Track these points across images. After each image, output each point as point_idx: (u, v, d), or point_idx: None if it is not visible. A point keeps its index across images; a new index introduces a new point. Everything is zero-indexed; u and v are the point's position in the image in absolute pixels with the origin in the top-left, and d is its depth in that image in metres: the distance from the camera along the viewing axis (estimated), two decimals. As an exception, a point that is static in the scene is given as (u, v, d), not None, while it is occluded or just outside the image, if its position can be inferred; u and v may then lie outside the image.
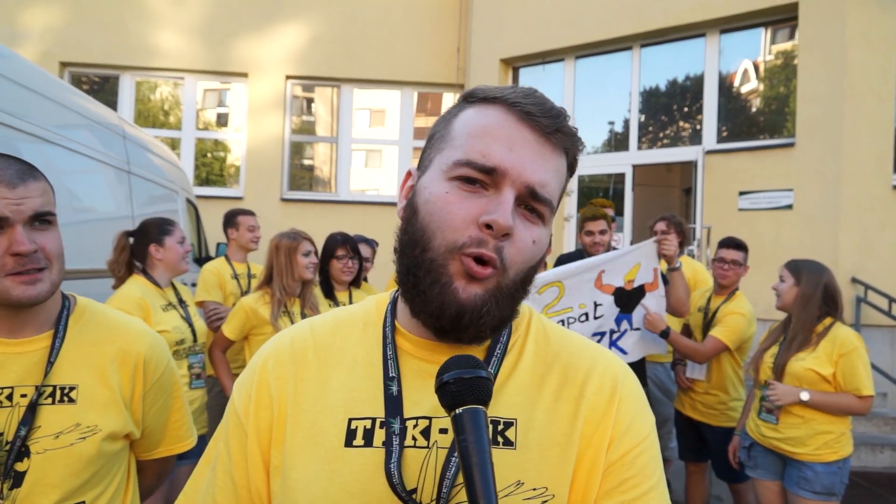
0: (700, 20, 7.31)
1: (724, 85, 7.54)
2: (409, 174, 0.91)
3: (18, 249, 1.27)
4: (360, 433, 0.83)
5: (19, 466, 1.31)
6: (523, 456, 0.82)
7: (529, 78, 8.88)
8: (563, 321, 3.84)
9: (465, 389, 0.71)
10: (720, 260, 3.90)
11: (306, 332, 0.94)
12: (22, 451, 1.31)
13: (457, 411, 0.71)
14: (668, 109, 8.14)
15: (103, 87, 9.55)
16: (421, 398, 0.84)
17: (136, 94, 9.53)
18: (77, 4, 9.02)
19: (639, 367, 3.88)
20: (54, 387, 1.37)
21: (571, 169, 0.89)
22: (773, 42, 7.31)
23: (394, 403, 0.84)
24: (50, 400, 1.35)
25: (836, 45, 6.43)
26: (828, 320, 3.14)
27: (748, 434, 3.34)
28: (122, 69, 9.30)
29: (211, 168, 10.11)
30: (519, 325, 0.93)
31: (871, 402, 3.04)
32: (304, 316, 3.41)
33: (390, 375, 0.86)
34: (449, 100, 9.97)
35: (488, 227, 0.77)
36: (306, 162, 10.52)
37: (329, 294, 3.85)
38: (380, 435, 0.83)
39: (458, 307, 0.79)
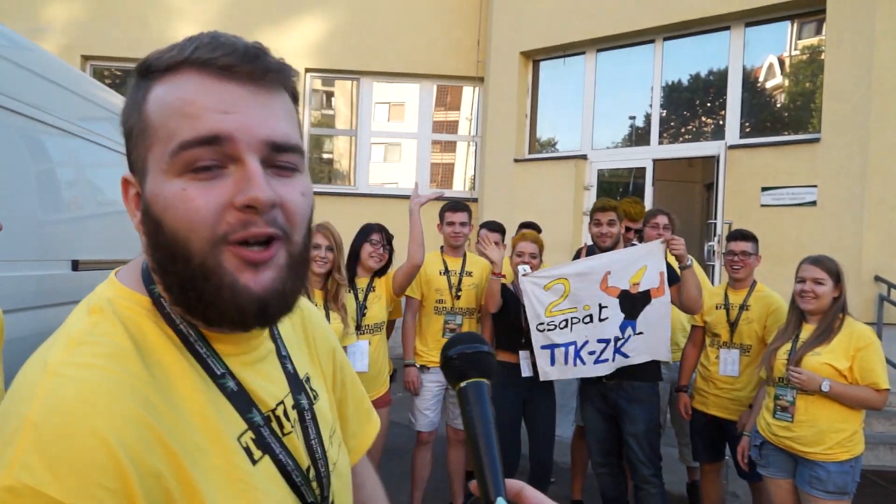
0: (724, 13, 7.21)
1: (749, 79, 7.44)
2: (125, 182, 0.77)
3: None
4: (252, 447, 0.75)
5: None
6: (323, 402, 0.93)
7: (550, 71, 8.83)
8: (566, 320, 3.84)
9: (467, 364, 0.75)
10: (730, 253, 3.88)
11: (117, 376, 0.65)
12: None
13: (461, 385, 0.74)
14: (691, 104, 8.05)
15: (125, 81, 9.66)
16: (265, 387, 0.80)
17: (157, 87, 9.63)
18: (100, -2, 9.11)
19: (654, 368, 3.86)
20: None
21: (294, 94, 0.80)
22: (799, 37, 7.19)
23: (240, 399, 0.76)
24: None
25: (865, 39, 6.31)
26: (840, 315, 3.15)
27: (759, 433, 3.32)
28: (145, 62, 9.39)
29: (232, 161, 10.20)
30: None
31: (887, 395, 3.06)
32: (326, 310, 3.44)
33: (219, 373, 0.75)
34: (469, 94, 9.95)
35: (250, 207, 0.68)
36: (325, 155, 10.56)
37: (350, 279, 3.85)
38: (261, 438, 0.77)
39: (259, 302, 0.71)
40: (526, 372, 4.01)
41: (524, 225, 5.27)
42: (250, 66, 0.71)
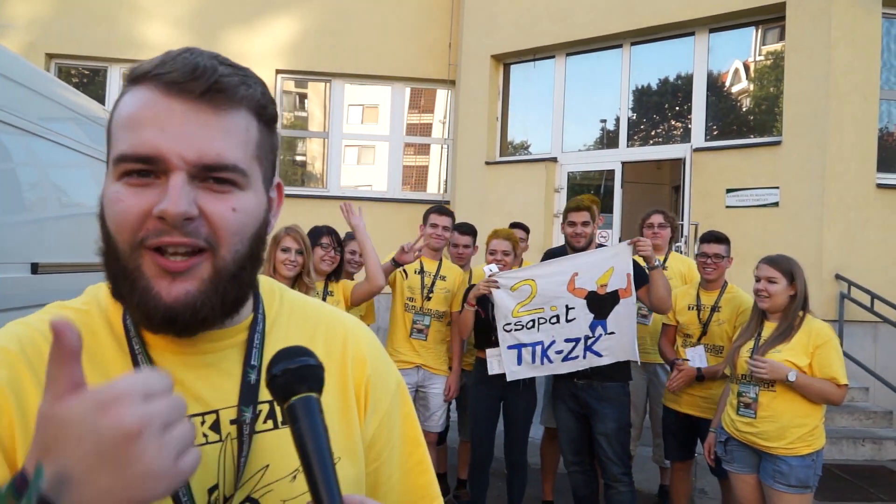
0: (689, 18, 7.34)
1: (714, 84, 7.58)
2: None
3: None
4: None
5: None
6: None
7: (520, 74, 8.89)
8: (533, 321, 3.88)
9: (294, 380, 0.69)
10: (703, 255, 3.94)
11: (33, 334, 0.77)
12: None
13: (289, 402, 0.68)
14: (659, 107, 8.17)
15: (92, 80, 9.50)
16: (200, 392, 0.79)
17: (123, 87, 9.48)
18: (65, -4, 8.95)
19: (624, 368, 3.92)
20: None
21: (262, 113, 0.80)
22: (763, 42, 7.35)
23: None
24: None
25: (822, 44, 6.48)
26: (800, 313, 3.24)
27: (724, 429, 3.38)
28: (111, 62, 9.24)
29: (201, 163, 10.08)
30: (271, 305, 0.91)
31: (846, 391, 3.15)
32: None
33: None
34: (442, 96, 9.97)
35: (161, 217, 0.71)
36: (298, 157, 10.50)
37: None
38: None
39: (165, 311, 0.72)
40: (494, 369, 4.04)
41: (513, 225, 5.30)
42: (195, 83, 0.73)
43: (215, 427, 0.79)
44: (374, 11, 9.28)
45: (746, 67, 7.44)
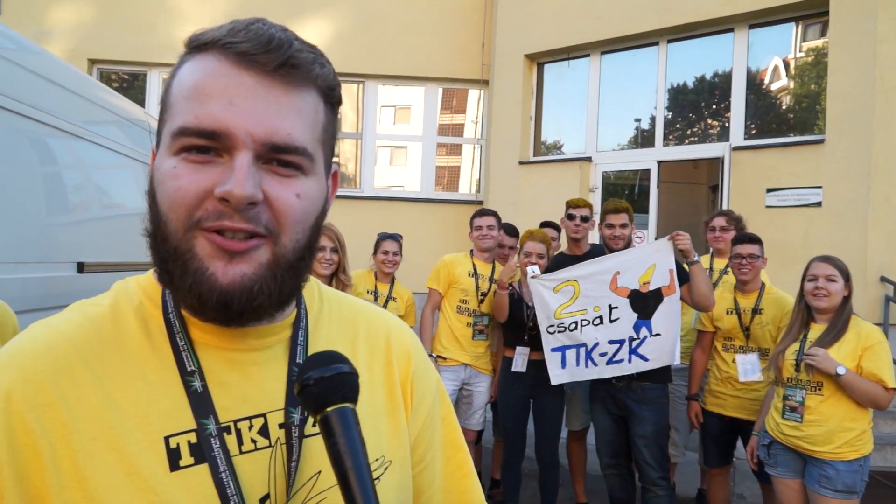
0: (728, 14, 7.20)
1: (753, 81, 7.43)
2: (153, 153, 0.76)
3: None
4: (185, 450, 0.69)
5: None
6: (366, 432, 0.81)
7: (554, 74, 8.83)
8: (576, 322, 3.84)
9: (328, 389, 0.64)
10: (737, 256, 3.87)
11: (59, 340, 0.70)
12: None
13: (323, 413, 0.64)
14: (696, 106, 8.04)
15: (132, 85, 9.70)
16: (247, 394, 0.75)
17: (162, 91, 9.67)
18: (104, 2, 9.16)
19: (665, 369, 3.85)
20: None
21: (331, 95, 0.75)
22: (803, 39, 7.18)
23: (201, 402, 0.71)
24: None
25: (868, 39, 6.30)
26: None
27: (767, 432, 3.32)
28: (150, 66, 9.43)
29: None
30: (311, 301, 0.86)
31: (893, 395, 3.06)
32: None
33: (189, 370, 0.72)
34: (474, 97, 9.96)
35: (225, 200, 0.66)
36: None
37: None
38: (205, 447, 0.70)
39: (220, 294, 0.67)
40: (518, 367, 4.04)
41: (543, 224, 5.31)
42: (268, 56, 0.68)
43: (263, 432, 0.74)
44: (407, 12, 9.31)
45: (786, 64, 7.27)
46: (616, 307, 3.77)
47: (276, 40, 0.69)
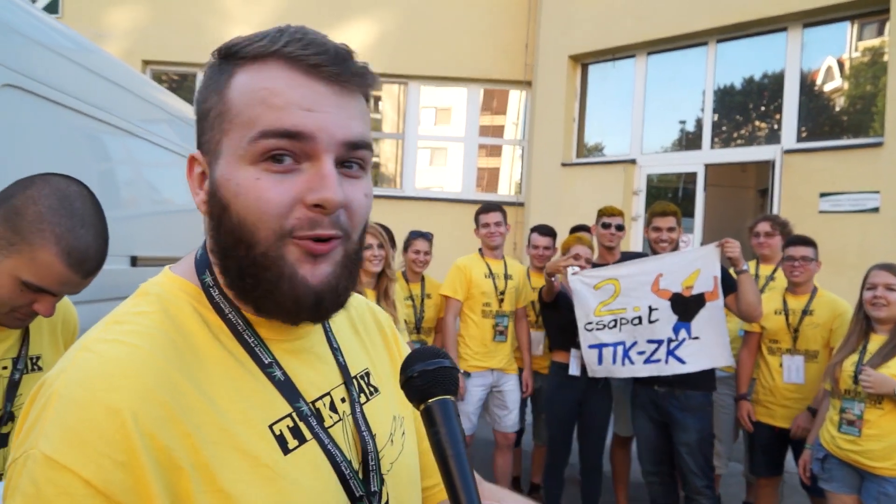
0: (781, 13, 7.02)
1: (806, 82, 7.22)
2: (192, 160, 0.80)
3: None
4: (287, 435, 0.74)
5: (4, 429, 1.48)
6: (386, 395, 0.92)
7: (599, 75, 8.73)
8: (615, 321, 3.79)
9: (430, 382, 0.70)
10: (789, 259, 3.77)
11: (146, 355, 0.68)
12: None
13: (426, 404, 0.70)
14: (744, 107, 7.86)
15: (182, 85, 9.93)
16: (311, 377, 0.81)
17: (211, 90, 9.86)
18: (157, 5, 9.40)
19: (708, 377, 3.77)
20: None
21: (368, 99, 0.82)
22: (859, 38, 6.95)
23: (288, 388, 0.77)
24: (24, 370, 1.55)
25: (931, 39, 6.08)
26: None
27: (822, 446, 3.21)
28: (200, 66, 9.63)
29: (281, 164, 10.38)
30: None
31: None
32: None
33: (266, 362, 0.76)
34: (515, 98, 9.92)
35: (319, 206, 0.70)
36: (373, 159, 10.65)
37: None
38: (305, 427, 0.76)
39: (315, 295, 0.72)
40: (573, 370, 3.99)
41: (576, 228, 5.25)
42: (337, 67, 0.73)
43: (333, 408, 0.82)
44: (450, 13, 9.32)
45: (840, 64, 7.05)
46: (656, 308, 3.72)
47: (341, 52, 0.74)
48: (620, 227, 4.27)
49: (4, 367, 1.49)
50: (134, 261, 3.81)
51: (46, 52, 3.17)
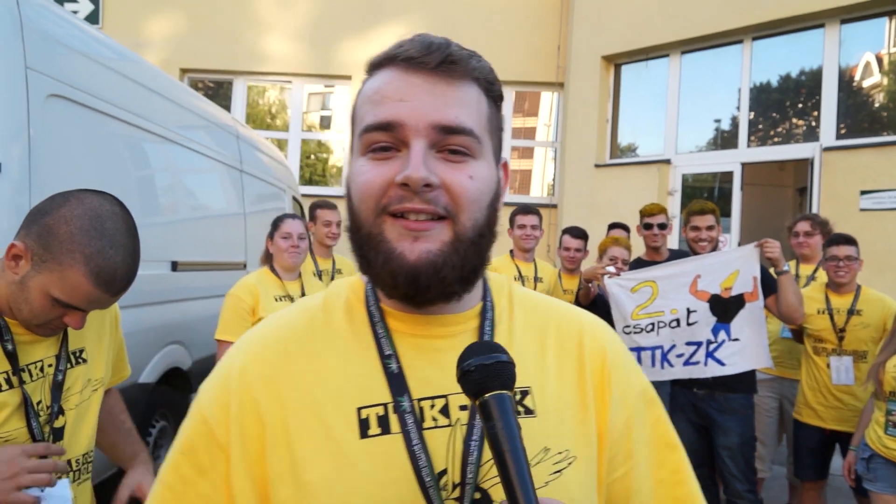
0: (818, 10, 6.88)
1: (844, 78, 7.07)
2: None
3: None
4: (373, 421, 0.78)
5: (57, 423, 1.53)
6: (544, 422, 0.82)
7: (631, 75, 8.66)
8: (653, 324, 3.74)
9: (487, 376, 0.70)
10: (833, 258, 3.68)
11: (282, 326, 0.87)
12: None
13: (482, 398, 0.69)
14: (781, 105, 7.72)
15: (217, 93, 10.11)
16: (430, 376, 0.81)
17: (246, 98, 10.01)
18: (195, 14, 9.59)
19: (749, 378, 3.70)
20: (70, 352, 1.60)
21: (491, 90, 0.84)
22: (898, 33, 6.79)
23: (397, 381, 0.80)
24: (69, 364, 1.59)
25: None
26: None
27: (868, 445, 3.14)
28: (236, 74, 9.81)
29: (314, 168, 10.49)
30: (500, 296, 0.92)
31: None
32: None
33: (386, 353, 0.82)
34: (547, 99, 9.89)
35: (405, 185, 0.75)
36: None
37: None
38: (395, 420, 0.78)
39: (409, 269, 0.76)
40: None
41: (614, 225, 5.19)
42: (429, 56, 0.77)
43: (444, 411, 0.80)
44: (482, 15, 9.34)
45: (879, 60, 6.88)
46: (694, 311, 3.66)
47: (435, 44, 0.79)
48: (663, 226, 4.17)
49: (49, 366, 1.54)
50: (174, 266, 3.90)
51: (89, 62, 3.27)
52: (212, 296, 4.14)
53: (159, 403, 3.97)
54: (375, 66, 0.83)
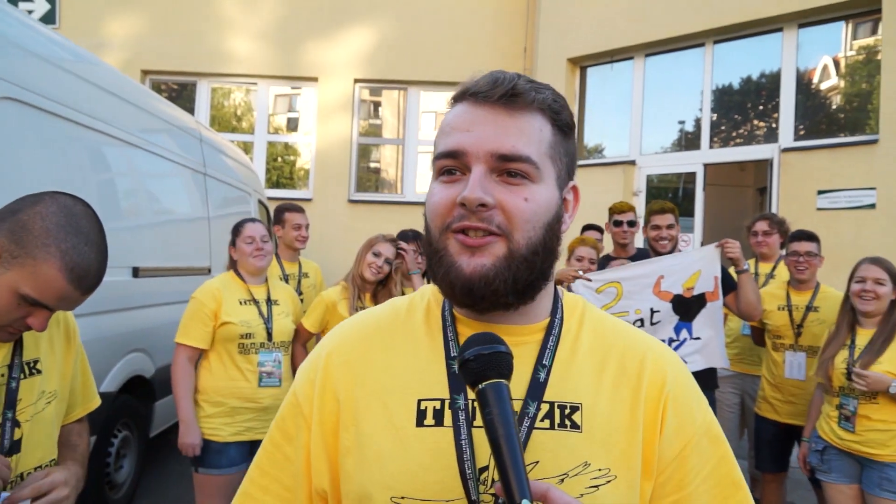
0: (777, 14, 7.05)
1: (802, 81, 7.25)
2: None
3: None
4: (429, 413, 0.87)
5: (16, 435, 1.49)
6: (589, 438, 0.87)
7: (597, 77, 8.76)
8: None
9: (485, 365, 0.75)
10: (794, 254, 3.77)
11: (370, 319, 1.00)
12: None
13: (480, 386, 0.75)
14: (742, 107, 7.89)
15: (181, 94, 9.96)
16: None
17: (211, 100, 9.89)
18: (157, 14, 9.43)
19: (710, 375, 3.78)
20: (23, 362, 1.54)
21: (557, 119, 0.91)
22: (854, 37, 6.98)
23: (457, 381, 0.88)
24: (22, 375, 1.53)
25: (924, 36, 6.09)
26: None
27: (821, 437, 3.21)
28: (199, 76, 9.68)
29: (281, 171, 10.40)
30: (572, 313, 0.98)
31: None
32: None
33: (452, 355, 0.90)
34: (514, 101, 9.95)
35: (462, 204, 0.84)
36: (373, 164, 10.68)
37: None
38: (449, 415, 0.87)
39: (464, 280, 0.84)
40: None
41: (588, 227, 5.25)
42: (494, 90, 0.87)
43: None
44: (449, 18, 9.36)
45: (836, 63, 7.08)
46: (658, 311, 3.73)
47: (500, 79, 0.88)
48: (632, 223, 4.29)
49: (2, 375, 1.50)
50: (136, 272, 3.83)
51: (44, 64, 3.20)
52: (175, 302, 4.06)
53: (121, 413, 3.91)
54: (454, 99, 0.93)
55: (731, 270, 3.74)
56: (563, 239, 0.95)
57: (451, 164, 0.87)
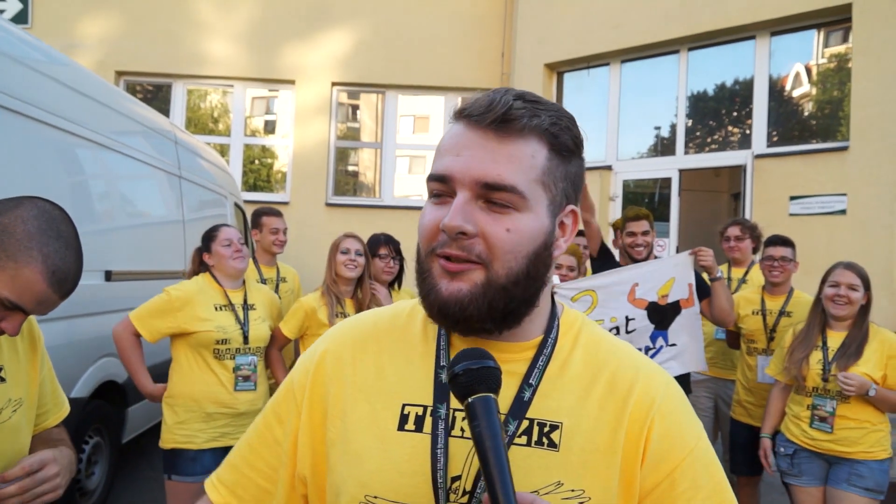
0: (750, 22, 7.17)
1: (775, 88, 7.38)
2: None
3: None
4: (412, 418, 0.89)
5: None
6: (565, 458, 0.86)
7: (574, 83, 8.83)
8: None
9: (474, 379, 0.77)
10: (769, 258, 3.82)
11: (370, 320, 1.03)
12: None
13: (469, 400, 0.76)
14: (717, 113, 8.01)
15: (156, 96, 9.85)
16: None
17: (187, 102, 9.79)
18: (131, 15, 9.32)
19: (684, 379, 3.80)
20: None
21: (556, 142, 0.87)
22: (825, 45, 7.12)
23: (442, 391, 0.89)
24: None
25: (891, 46, 6.24)
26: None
27: (791, 441, 3.24)
28: (175, 77, 9.58)
29: (258, 174, 10.33)
30: (568, 331, 0.97)
31: None
32: None
33: (441, 364, 0.92)
34: (492, 105, 9.98)
35: (444, 230, 0.83)
36: (351, 168, 10.65)
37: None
38: (429, 422, 0.88)
39: (440, 303, 0.85)
40: None
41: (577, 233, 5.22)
42: (486, 115, 0.84)
43: None
44: (427, 23, 9.37)
45: (808, 71, 7.21)
46: (633, 318, 3.74)
47: (495, 102, 0.85)
48: (647, 233, 3.84)
49: None
50: (108, 275, 3.77)
51: (15, 65, 3.15)
52: (149, 305, 4.01)
53: (93, 418, 3.84)
54: (454, 116, 0.91)
55: (705, 276, 3.77)
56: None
57: (439, 189, 0.87)
